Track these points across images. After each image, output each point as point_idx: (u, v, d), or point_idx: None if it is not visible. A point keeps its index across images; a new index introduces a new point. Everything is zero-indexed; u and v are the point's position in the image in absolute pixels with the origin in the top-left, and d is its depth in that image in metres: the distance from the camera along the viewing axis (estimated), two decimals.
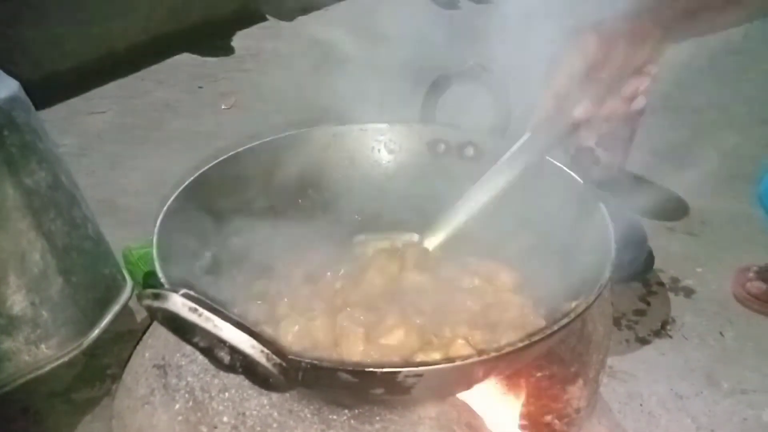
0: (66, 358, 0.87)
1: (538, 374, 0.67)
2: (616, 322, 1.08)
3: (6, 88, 0.84)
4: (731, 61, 2.20)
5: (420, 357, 0.55)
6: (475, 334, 0.57)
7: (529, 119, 0.62)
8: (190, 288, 0.41)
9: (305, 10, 2.79)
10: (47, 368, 0.86)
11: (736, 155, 1.61)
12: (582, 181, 0.66)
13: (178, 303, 0.38)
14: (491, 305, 0.63)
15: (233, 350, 0.39)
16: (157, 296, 0.39)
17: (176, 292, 0.39)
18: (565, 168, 0.68)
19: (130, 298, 0.99)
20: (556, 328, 0.48)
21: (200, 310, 0.38)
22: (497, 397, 0.66)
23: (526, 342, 0.46)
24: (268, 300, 0.64)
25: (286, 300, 0.64)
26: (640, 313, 1.12)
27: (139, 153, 1.69)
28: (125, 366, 0.67)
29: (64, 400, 0.93)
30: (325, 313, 0.61)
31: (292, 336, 0.58)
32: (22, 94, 0.87)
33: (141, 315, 1.08)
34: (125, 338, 1.03)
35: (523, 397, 0.68)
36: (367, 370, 0.44)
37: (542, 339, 0.47)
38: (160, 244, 0.55)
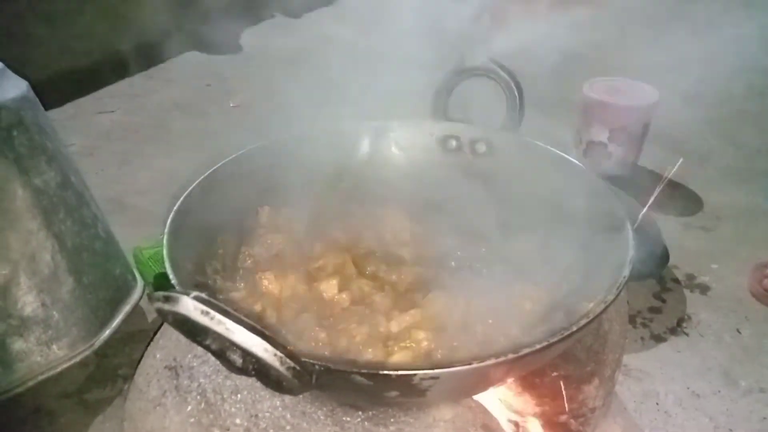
0: (77, 359, 0.86)
1: (554, 374, 0.67)
2: (631, 320, 1.07)
3: (15, 88, 0.83)
4: (745, 54, 2.17)
5: None
6: None
7: None
8: (202, 290, 0.40)
9: (313, 7, 2.78)
10: (59, 369, 0.85)
11: (752, 149, 1.58)
12: (599, 178, 0.64)
13: (189, 306, 0.38)
14: None
15: (246, 353, 0.39)
16: (168, 299, 0.38)
17: (187, 294, 0.38)
18: (581, 165, 0.67)
19: (141, 298, 0.99)
20: (575, 329, 0.47)
21: (212, 313, 0.38)
22: (513, 398, 0.65)
23: (545, 344, 0.45)
24: (279, 300, 0.64)
25: (295, 301, 0.63)
26: (655, 310, 1.10)
27: (148, 152, 1.69)
28: (137, 367, 0.67)
29: (76, 400, 0.93)
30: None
31: None
32: (31, 94, 0.87)
33: (152, 315, 1.07)
34: (136, 338, 1.02)
35: (538, 397, 0.67)
36: (382, 372, 0.43)
37: (561, 340, 0.46)
38: (171, 246, 0.55)
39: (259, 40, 2.50)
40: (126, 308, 0.95)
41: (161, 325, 0.73)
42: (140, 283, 1.01)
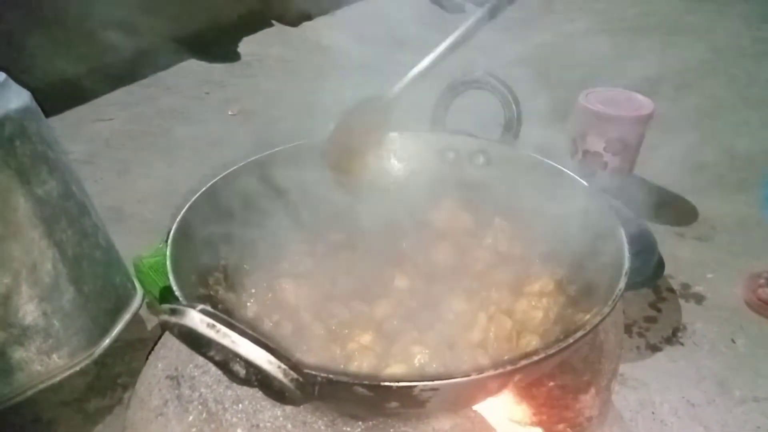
0: (78, 368, 0.87)
1: (551, 384, 0.67)
2: (627, 330, 1.08)
3: (18, 98, 0.84)
4: (739, 65, 2.20)
5: None
6: None
7: None
8: (205, 301, 0.41)
9: (310, 16, 2.80)
10: (59, 378, 0.86)
11: (747, 160, 1.60)
12: (595, 190, 0.65)
13: (195, 319, 0.38)
14: None
15: (249, 365, 0.40)
16: (174, 312, 0.39)
17: (194, 307, 0.39)
18: (578, 177, 0.68)
19: (140, 306, 0.99)
20: (571, 340, 0.47)
21: (218, 326, 0.38)
22: (510, 408, 0.66)
23: (542, 355, 0.46)
24: (282, 310, 0.64)
25: (300, 310, 0.64)
26: (650, 320, 1.11)
27: (147, 160, 1.70)
28: (138, 377, 0.67)
29: (76, 409, 0.93)
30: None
31: None
32: (34, 104, 0.88)
33: (151, 323, 1.08)
34: (135, 347, 1.03)
35: (535, 407, 0.67)
36: (382, 384, 0.44)
37: (558, 352, 0.47)
38: (174, 257, 0.56)
39: (257, 48, 2.52)
40: (126, 317, 0.95)
41: (161, 334, 0.73)
42: (140, 292, 1.02)
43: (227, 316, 0.40)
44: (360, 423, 0.55)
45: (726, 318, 1.12)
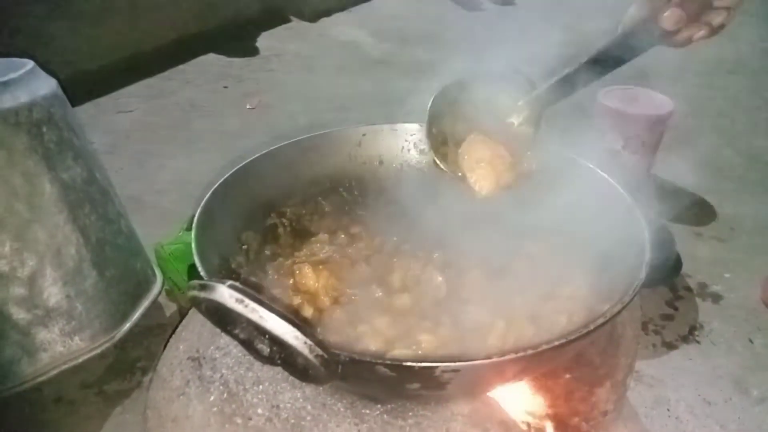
0: (98, 350, 0.89)
1: (567, 376, 0.67)
2: (644, 327, 1.08)
3: (45, 86, 0.86)
4: (760, 65, 2.17)
5: None
6: None
7: (623, 20, 0.61)
8: (234, 280, 0.42)
9: (328, 12, 2.82)
10: (80, 360, 0.88)
11: (765, 160, 1.59)
12: (617, 184, 0.65)
13: (225, 294, 0.39)
14: None
15: (274, 341, 0.40)
16: (204, 287, 0.40)
17: (223, 283, 0.40)
18: (599, 171, 0.68)
19: (160, 293, 1.01)
20: (592, 327, 0.48)
21: (246, 301, 0.39)
22: (527, 398, 0.66)
23: (563, 340, 0.46)
24: (303, 295, 0.65)
25: (320, 295, 0.64)
26: (667, 317, 1.11)
27: (166, 151, 1.72)
28: (160, 358, 0.68)
29: (96, 391, 0.95)
30: None
31: None
32: (60, 92, 0.90)
33: (170, 310, 1.10)
34: (154, 332, 1.05)
35: (551, 399, 0.67)
36: (405, 364, 0.44)
37: (578, 338, 0.47)
38: (198, 240, 0.57)
39: (275, 43, 2.54)
40: (146, 303, 0.97)
41: (181, 319, 0.74)
42: (159, 278, 1.04)
43: (255, 293, 0.40)
44: (379, 406, 0.56)
45: (743, 318, 1.11)
